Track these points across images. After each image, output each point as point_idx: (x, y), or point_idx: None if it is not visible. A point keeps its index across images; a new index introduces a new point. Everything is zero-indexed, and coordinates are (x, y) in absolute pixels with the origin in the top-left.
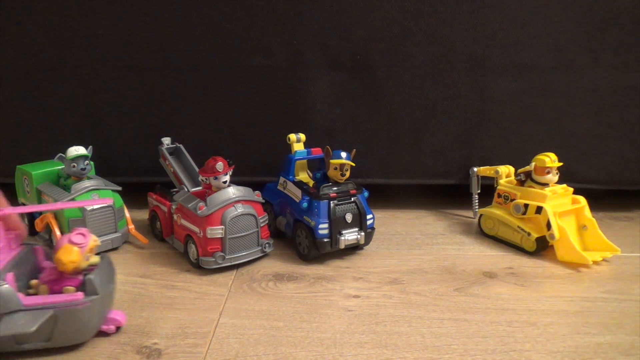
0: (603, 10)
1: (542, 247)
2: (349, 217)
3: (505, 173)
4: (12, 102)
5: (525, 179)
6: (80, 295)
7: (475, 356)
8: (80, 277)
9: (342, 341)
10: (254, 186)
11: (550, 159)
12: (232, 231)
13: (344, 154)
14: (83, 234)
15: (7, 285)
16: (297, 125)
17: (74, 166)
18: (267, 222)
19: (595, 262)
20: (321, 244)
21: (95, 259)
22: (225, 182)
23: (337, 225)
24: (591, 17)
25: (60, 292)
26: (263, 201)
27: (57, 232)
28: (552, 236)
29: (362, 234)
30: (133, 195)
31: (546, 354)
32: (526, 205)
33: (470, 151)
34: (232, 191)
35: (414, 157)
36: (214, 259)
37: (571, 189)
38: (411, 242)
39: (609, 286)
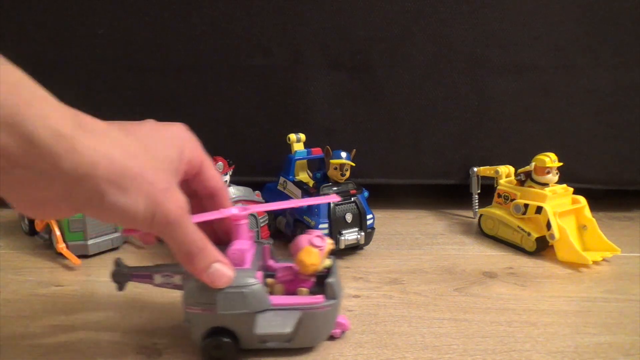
0: (603, 10)
1: (542, 247)
2: (349, 217)
3: (505, 173)
4: None
5: (525, 179)
6: (321, 298)
7: (475, 356)
8: (313, 280)
9: (342, 341)
10: (254, 186)
11: (550, 159)
12: None
13: (344, 154)
14: (321, 237)
15: (260, 284)
16: (297, 125)
17: None
18: (267, 222)
19: (595, 262)
20: None
21: (328, 262)
22: (225, 182)
23: (337, 225)
24: (591, 17)
25: (294, 293)
26: (263, 201)
27: (57, 232)
28: (552, 236)
29: (362, 234)
30: None
31: (546, 354)
32: (526, 205)
33: (470, 151)
34: (232, 191)
35: (414, 157)
36: None
37: (571, 189)
38: (411, 242)
39: (609, 286)
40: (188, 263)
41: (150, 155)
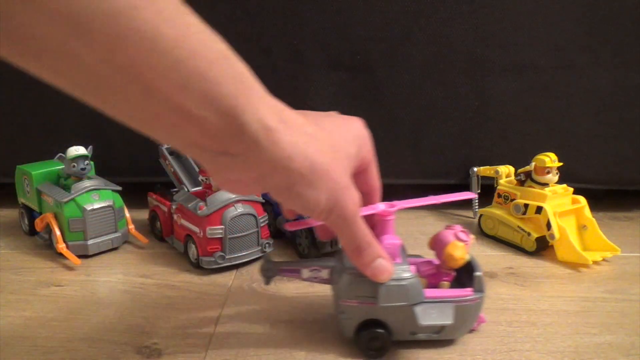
0: (603, 10)
1: (542, 247)
2: None
3: (505, 173)
4: (12, 102)
5: (525, 179)
6: (469, 291)
7: (475, 356)
8: (453, 273)
9: (343, 341)
10: None
11: (550, 159)
12: (232, 231)
13: None
14: (465, 232)
15: (417, 278)
16: None
17: (73, 166)
18: (267, 222)
19: (595, 262)
20: (321, 244)
21: (467, 256)
22: None
23: None
24: (591, 17)
25: (436, 286)
26: (263, 201)
27: (57, 232)
28: (552, 236)
29: None
30: (133, 195)
31: (546, 353)
32: (526, 205)
33: (470, 151)
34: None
35: (414, 157)
36: (214, 259)
37: (571, 189)
38: (411, 242)
39: (609, 286)
40: (356, 257)
41: (336, 153)
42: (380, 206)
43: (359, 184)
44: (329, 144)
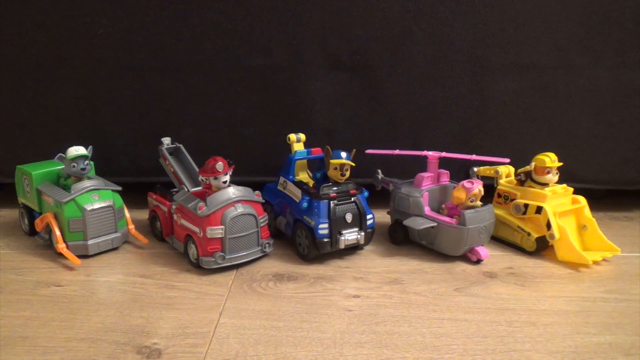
0: (603, 10)
1: (542, 247)
2: (349, 217)
3: (505, 173)
4: (12, 102)
5: (525, 179)
6: (454, 221)
7: (475, 356)
8: (460, 209)
9: (342, 341)
10: (254, 186)
11: (550, 159)
12: (232, 231)
13: (344, 154)
14: (472, 182)
15: (420, 198)
16: (297, 125)
17: (74, 166)
18: (267, 222)
19: (595, 262)
20: (321, 244)
21: (478, 203)
22: (225, 182)
23: (337, 225)
24: (591, 17)
25: (451, 217)
26: (263, 201)
27: (57, 232)
28: (552, 236)
29: (362, 234)
30: (133, 195)
31: (546, 354)
32: (526, 205)
33: (470, 151)
34: (232, 191)
35: (413, 157)
36: (214, 259)
37: (571, 189)
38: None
39: (609, 286)
40: None
41: None
42: (429, 152)
43: None
44: None
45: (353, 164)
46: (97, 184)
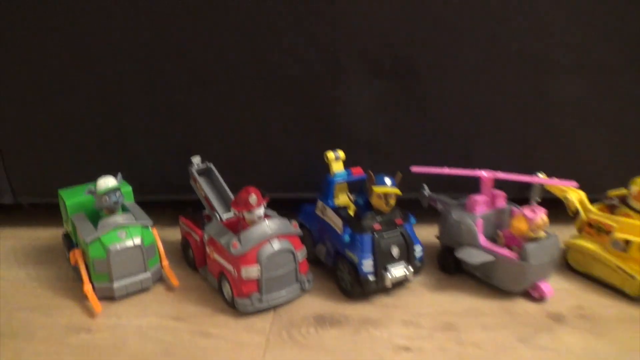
0: None
1: None
2: (395, 251)
3: (577, 199)
4: (39, 121)
5: (618, 205)
6: (514, 255)
7: None
8: (522, 241)
9: None
10: (290, 203)
11: None
12: (269, 270)
13: (388, 181)
14: (534, 211)
15: (474, 225)
16: (336, 138)
17: (105, 200)
18: (305, 255)
19: None
20: (366, 283)
21: (541, 234)
22: (259, 217)
23: (383, 259)
24: None
25: (510, 248)
26: (301, 233)
27: (84, 272)
28: None
29: (411, 268)
30: (165, 212)
31: None
32: (627, 241)
33: (533, 164)
34: (268, 225)
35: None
36: (250, 301)
37: None
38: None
39: None
40: None
41: None
42: (483, 173)
43: None
44: None
45: (399, 193)
46: (126, 220)
